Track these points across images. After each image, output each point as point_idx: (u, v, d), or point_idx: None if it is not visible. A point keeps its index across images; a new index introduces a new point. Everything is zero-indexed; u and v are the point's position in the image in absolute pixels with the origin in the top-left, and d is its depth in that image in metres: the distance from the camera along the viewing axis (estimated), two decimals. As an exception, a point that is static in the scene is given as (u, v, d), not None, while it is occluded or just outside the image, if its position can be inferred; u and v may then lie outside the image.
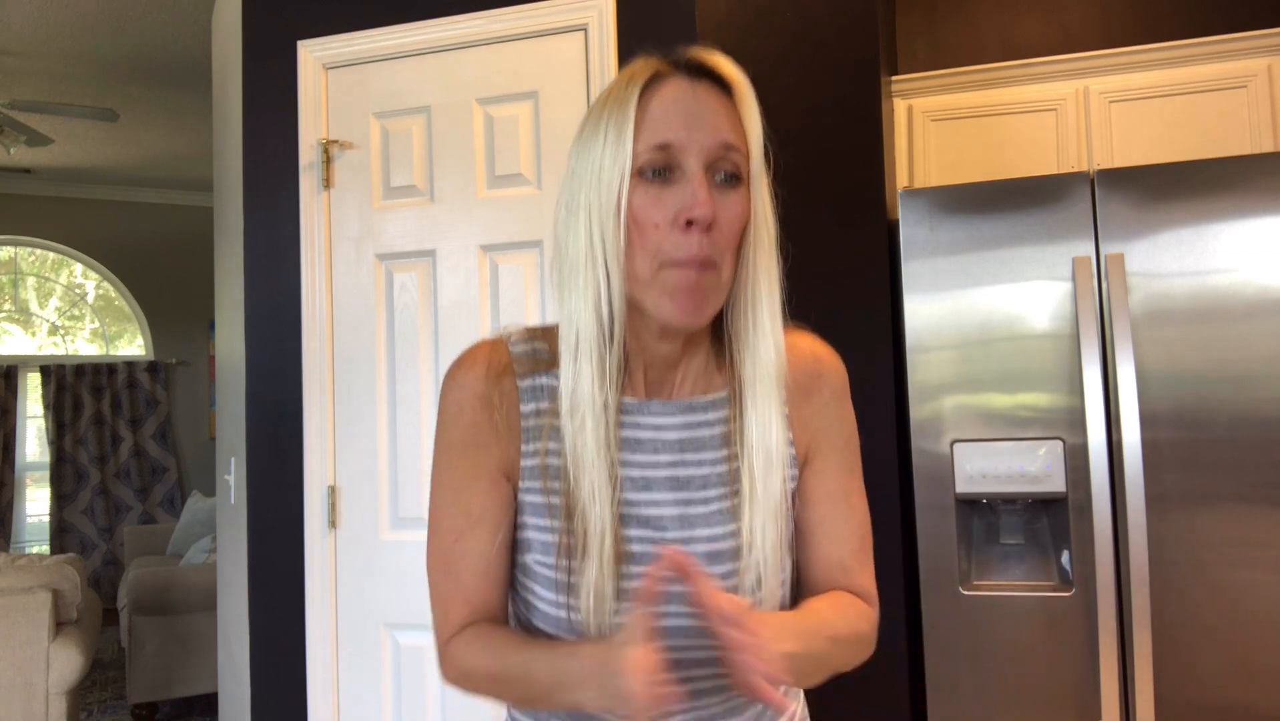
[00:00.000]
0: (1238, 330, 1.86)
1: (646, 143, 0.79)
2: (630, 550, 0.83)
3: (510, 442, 0.86)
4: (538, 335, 0.91)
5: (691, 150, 0.79)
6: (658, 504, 0.85)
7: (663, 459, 0.86)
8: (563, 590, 0.82)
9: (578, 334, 0.81)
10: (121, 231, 6.61)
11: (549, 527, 0.84)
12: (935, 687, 2.00)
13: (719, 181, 0.81)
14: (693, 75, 0.83)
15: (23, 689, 3.08)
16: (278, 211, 2.33)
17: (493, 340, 0.91)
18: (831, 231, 2.20)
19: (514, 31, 2.16)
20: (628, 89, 0.81)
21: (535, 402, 0.87)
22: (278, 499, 2.30)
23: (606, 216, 0.79)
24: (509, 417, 0.86)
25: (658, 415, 0.87)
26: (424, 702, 2.15)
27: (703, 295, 0.79)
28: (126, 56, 4.27)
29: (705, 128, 0.80)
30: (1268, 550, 1.82)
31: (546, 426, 0.85)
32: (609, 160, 0.80)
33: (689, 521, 0.84)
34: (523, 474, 0.86)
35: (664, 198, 0.79)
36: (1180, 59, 2.52)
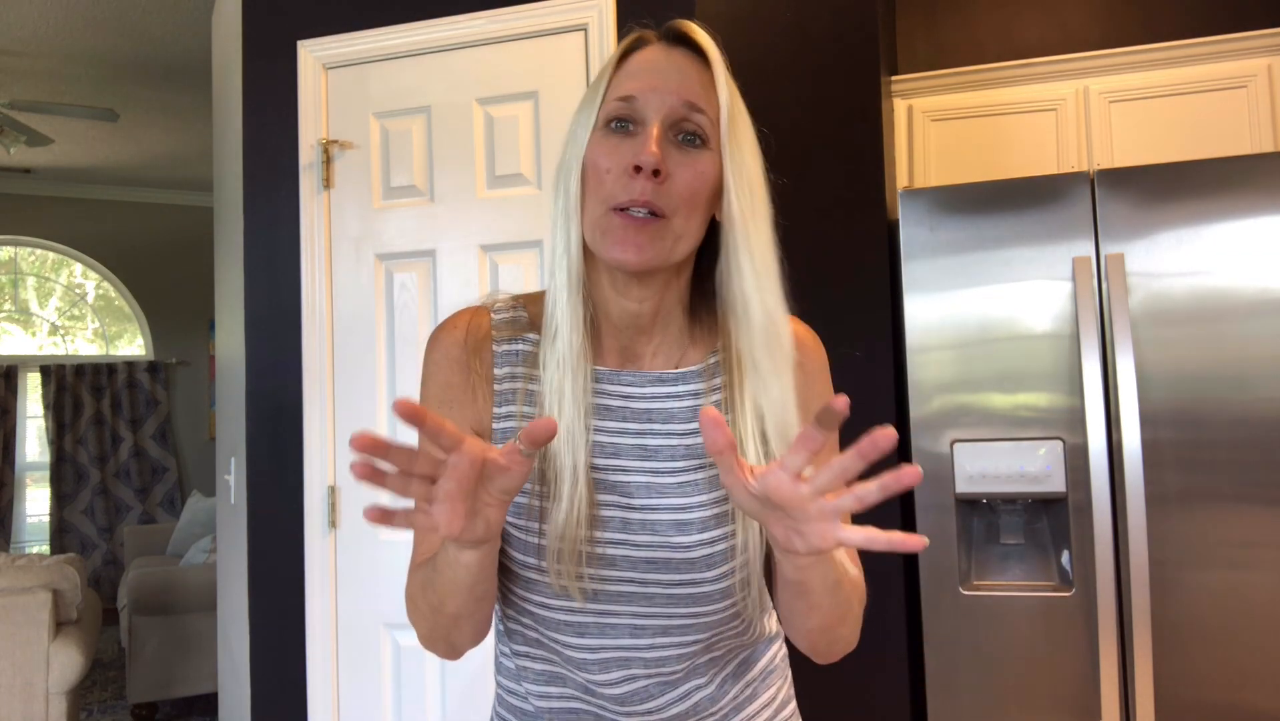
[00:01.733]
0: (1238, 330, 1.86)
1: (613, 95, 0.85)
2: (598, 515, 0.85)
3: (484, 405, 0.89)
4: (521, 302, 0.94)
5: (653, 104, 0.83)
6: (626, 470, 0.87)
7: (630, 427, 0.88)
8: (533, 552, 0.85)
9: (556, 282, 0.86)
10: (121, 231, 6.61)
11: (522, 490, 0.85)
12: (935, 687, 2.00)
13: (680, 140, 0.84)
14: (669, 41, 0.88)
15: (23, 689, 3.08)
16: (278, 211, 2.33)
17: (476, 306, 0.94)
18: (831, 231, 2.20)
19: (514, 31, 2.16)
20: (613, 55, 0.88)
21: (510, 366, 0.89)
22: (278, 499, 2.30)
23: (574, 167, 0.85)
24: (485, 381, 0.89)
25: (628, 385, 0.89)
26: (424, 702, 2.15)
27: (643, 238, 0.81)
28: (126, 56, 4.27)
29: (670, 86, 0.84)
30: (1268, 550, 1.82)
31: (521, 391, 0.88)
32: (584, 117, 0.86)
33: (656, 490, 0.86)
34: (495, 436, 0.89)
35: (621, 147, 0.83)
36: (1180, 59, 2.52)
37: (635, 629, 0.86)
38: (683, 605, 0.85)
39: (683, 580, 0.85)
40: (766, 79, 2.24)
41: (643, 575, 0.85)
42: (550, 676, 0.91)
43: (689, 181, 0.83)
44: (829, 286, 2.18)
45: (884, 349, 2.15)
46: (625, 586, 0.85)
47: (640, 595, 0.85)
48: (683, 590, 0.85)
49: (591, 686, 0.88)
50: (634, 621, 0.86)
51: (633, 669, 0.87)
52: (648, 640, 0.86)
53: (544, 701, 0.91)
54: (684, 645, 0.87)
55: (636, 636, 0.86)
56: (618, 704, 0.88)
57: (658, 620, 0.86)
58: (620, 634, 0.86)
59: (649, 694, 0.88)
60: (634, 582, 0.85)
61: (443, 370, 0.90)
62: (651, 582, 0.85)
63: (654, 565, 0.84)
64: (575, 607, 0.86)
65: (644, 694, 0.88)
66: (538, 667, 0.91)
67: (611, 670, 0.87)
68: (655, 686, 0.88)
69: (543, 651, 0.90)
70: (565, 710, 0.91)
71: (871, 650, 2.10)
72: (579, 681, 0.89)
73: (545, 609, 0.87)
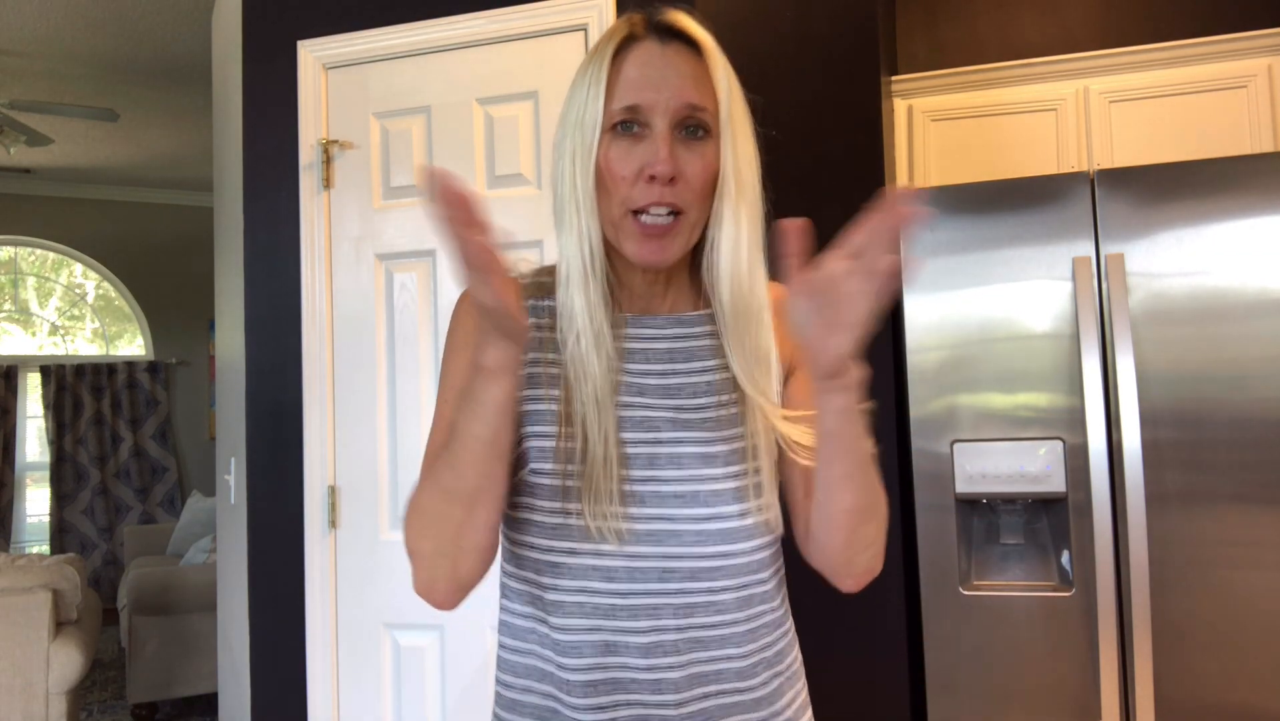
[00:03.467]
0: (1237, 330, 1.86)
1: (618, 103, 0.87)
2: (626, 453, 0.89)
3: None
4: (545, 271, 0.99)
5: (658, 110, 0.87)
6: (651, 407, 0.91)
7: (654, 367, 0.93)
8: (560, 495, 0.87)
9: (568, 266, 0.90)
10: (121, 231, 6.61)
11: (549, 434, 0.89)
12: (935, 687, 2.00)
13: (685, 135, 0.88)
14: (664, 37, 0.90)
15: (23, 689, 3.08)
16: (278, 211, 2.33)
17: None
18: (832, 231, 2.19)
19: (514, 31, 2.16)
20: (605, 48, 0.89)
21: (536, 318, 0.94)
22: (278, 499, 2.30)
23: (585, 165, 0.88)
24: None
25: (648, 327, 0.94)
26: (424, 702, 2.15)
27: (666, 240, 0.88)
28: (126, 56, 4.27)
29: (671, 89, 0.87)
30: (1268, 550, 1.82)
31: (547, 339, 0.92)
32: (588, 115, 0.88)
33: (682, 425, 0.90)
34: (524, 382, 0.92)
35: (632, 152, 0.87)
36: (1180, 59, 2.52)
37: (664, 571, 0.87)
38: (710, 542, 0.87)
39: (710, 514, 0.88)
40: (766, 79, 2.24)
41: (671, 510, 0.87)
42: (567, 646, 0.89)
43: (699, 173, 0.88)
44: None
45: (884, 349, 2.15)
46: (654, 525, 0.87)
47: (669, 533, 0.87)
48: (711, 525, 0.87)
49: (616, 640, 0.87)
50: (663, 564, 0.87)
51: (662, 617, 0.87)
52: (676, 584, 0.87)
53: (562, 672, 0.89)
54: (714, 591, 0.88)
55: (665, 580, 0.87)
56: (642, 655, 0.87)
57: (686, 561, 0.87)
58: (649, 577, 0.87)
59: (676, 648, 0.87)
60: (663, 520, 0.87)
61: (471, 317, 0.93)
62: (680, 519, 0.87)
63: (681, 499, 0.87)
64: (604, 551, 0.86)
65: (670, 647, 0.87)
66: (555, 636, 0.89)
67: (640, 617, 0.87)
68: (684, 642, 0.87)
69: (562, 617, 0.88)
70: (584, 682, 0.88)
71: (871, 650, 2.10)
72: (600, 641, 0.87)
73: (572, 555, 0.87)
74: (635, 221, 0.87)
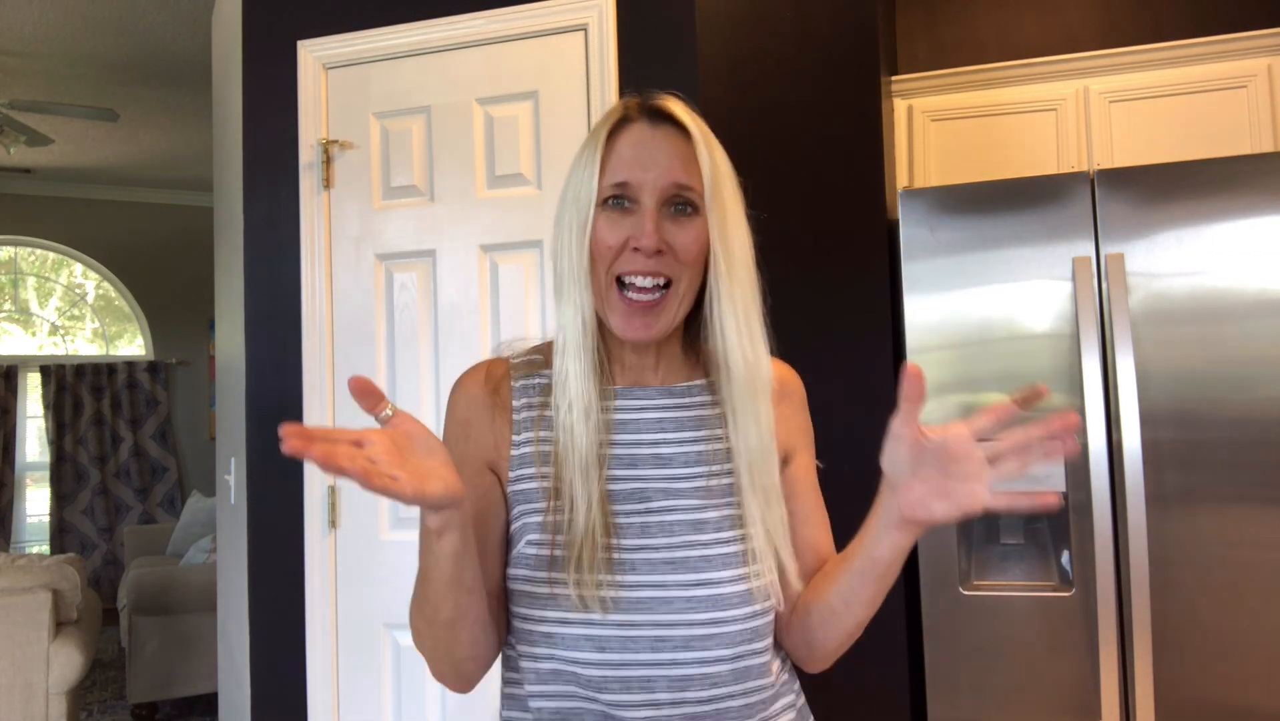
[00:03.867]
0: (1237, 330, 1.86)
1: (609, 179, 0.92)
2: (617, 523, 0.90)
3: (503, 436, 0.96)
4: (537, 350, 1.02)
5: (646, 188, 0.91)
6: (643, 479, 0.93)
7: (645, 437, 0.95)
8: (545, 565, 0.89)
9: (565, 336, 0.93)
10: (121, 231, 6.61)
11: (540, 510, 0.91)
12: (935, 687, 2.00)
13: (674, 212, 0.92)
14: (654, 120, 0.94)
15: (23, 689, 3.08)
16: (278, 211, 2.33)
17: (495, 356, 1.03)
18: (831, 231, 2.20)
19: (514, 31, 2.16)
20: (601, 130, 0.94)
21: (527, 398, 0.97)
22: (278, 499, 2.30)
23: (578, 239, 0.92)
24: (504, 411, 0.97)
25: (639, 399, 0.96)
26: (424, 703, 2.15)
27: (652, 316, 0.91)
28: (126, 56, 4.27)
29: (659, 169, 0.91)
30: (1268, 550, 1.82)
31: (538, 417, 0.95)
32: (582, 191, 0.93)
33: (674, 494, 0.92)
34: (514, 463, 0.95)
35: (620, 224, 0.91)
36: (1180, 59, 2.52)
37: (657, 641, 0.87)
38: (702, 609, 0.88)
39: (701, 580, 0.88)
40: (767, 79, 2.24)
41: (662, 576, 0.88)
42: (567, 712, 0.90)
43: (688, 245, 0.91)
44: (829, 286, 2.18)
45: (884, 349, 2.15)
46: (645, 591, 0.88)
47: (660, 600, 0.87)
48: (702, 591, 0.88)
49: (613, 714, 0.87)
50: (655, 632, 0.87)
51: (655, 691, 0.87)
52: (669, 654, 0.87)
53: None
54: (706, 662, 0.87)
55: (658, 650, 0.87)
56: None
57: (679, 630, 0.87)
58: (641, 647, 0.87)
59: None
60: (654, 586, 0.88)
61: (461, 409, 0.98)
62: (671, 585, 0.88)
63: (673, 565, 0.89)
64: (595, 620, 0.87)
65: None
66: (552, 705, 0.91)
67: (633, 690, 0.87)
68: (680, 718, 0.87)
69: (558, 685, 0.90)
70: None
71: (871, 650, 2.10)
72: (598, 712, 0.88)
73: (564, 625, 0.88)
74: (620, 295, 0.91)
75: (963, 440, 0.78)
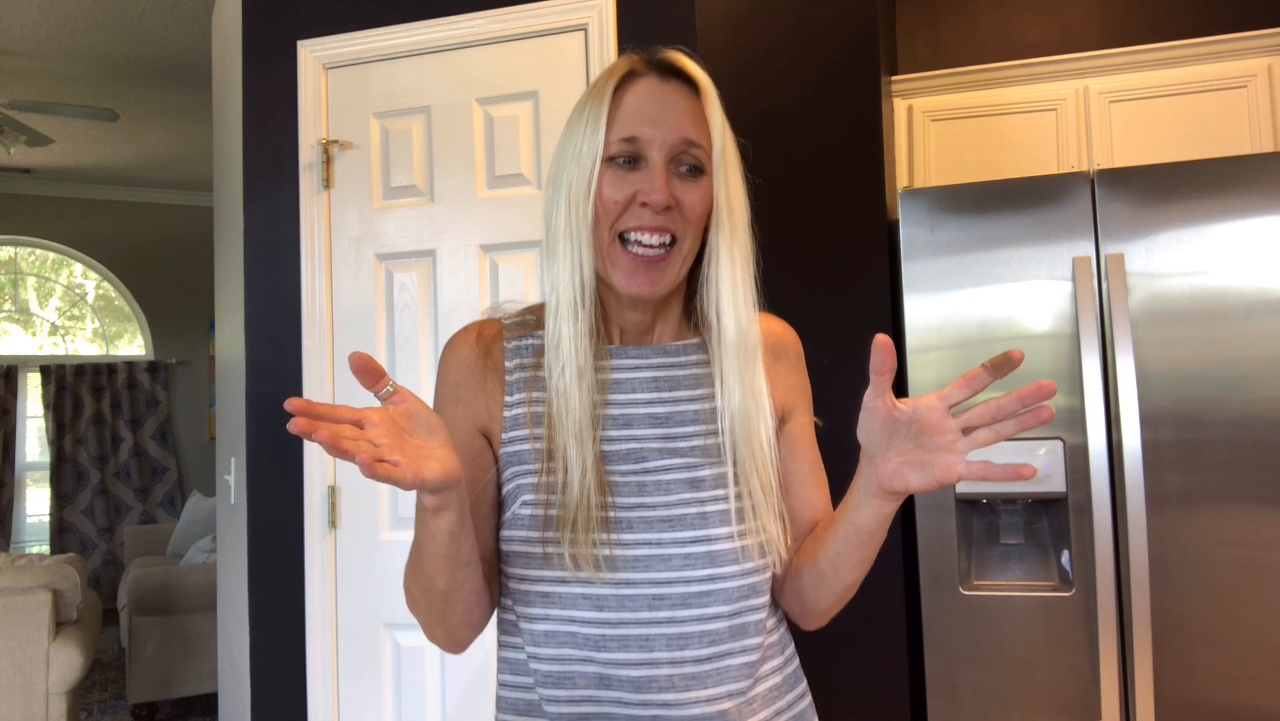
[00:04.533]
0: (1238, 330, 1.86)
1: (617, 134, 0.90)
2: (613, 482, 0.90)
3: (494, 397, 0.95)
4: (530, 310, 1.02)
5: (655, 144, 0.89)
6: (639, 438, 0.92)
7: (640, 396, 0.94)
8: (539, 525, 0.89)
9: (558, 297, 0.92)
10: (121, 231, 6.61)
11: (534, 471, 0.91)
12: (935, 687, 2.00)
13: (682, 172, 0.91)
14: (663, 75, 0.92)
15: (23, 689, 3.08)
16: (278, 211, 2.33)
17: (488, 316, 1.02)
18: (831, 231, 2.20)
19: (514, 31, 2.16)
20: (606, 84, 0.92)
21: (520, 359, 0.96)
22: (278, 499, 2.30)
23: (581, 196, 0.90)
24: (496, 373, 0.96)
25: (634, 359, 0.96)
26: (424, 703, 2.15)
27: (657, 271, 0.90)
28: (126, 56, 4.27)
29: (669, 125, 0.89)
30: (1268, 550, 1.82)
31: (531, 378, 0.94)
32: (586, 147, 0.90)
33: (670, 452, 0.92)
34: (506, 424, 0.94)
35: (626, 180, 0.89)
36: (1180, 59, 2.52)
37: (654, 599, 0.87)
38: (699, 566, 0.88)
39: (698, 536, 0.88)
40: (767, 79, 2.24)
41: (659, 534, 0.88)
42: (560, 676, 0.89)
43: (695, 204, 0.90)
44: (829, 286, 2.18)
45: (884, 349, 2.15)
46: (643, 550, 0.88)
47: (658, 558, 0.88)
48: (699, 547, 0.88)
49: (609, 674, 0.87)
50: (653, 591, 0.87)
51: (654, 649, 0.87)
52: (667, 612, 0.87)
53: (554, 706, 0.90)
54: (704, 619, 0.88)
55: (656, 608, 0.87)
56: (635, 689, 0.87)
57: (676, 587, 0.87)
58: (639, 606, 0.87)
59: (671, 683, 0.87)
60: (651, 544, 0.88)
61: (452, 370, 0.96)
62: (668, 542, 0.88)
63: (669, 523, 0.89)
64: (593, 579, 0.87)
65: (665, 682, 0.87)
66: (547, 667, 0.90)
67: (631, 649, 0.87)
68: (680, 678, 0.87)
69: (554, 647, 0.89)
70: (578, 715, 0.89)
71: (871, 650, 2.10)
72: (594, 674, 0.88)
73: (562, 584, 0.88)
74: (624, 251, 0.89)
75: (935, 411, 0.77)
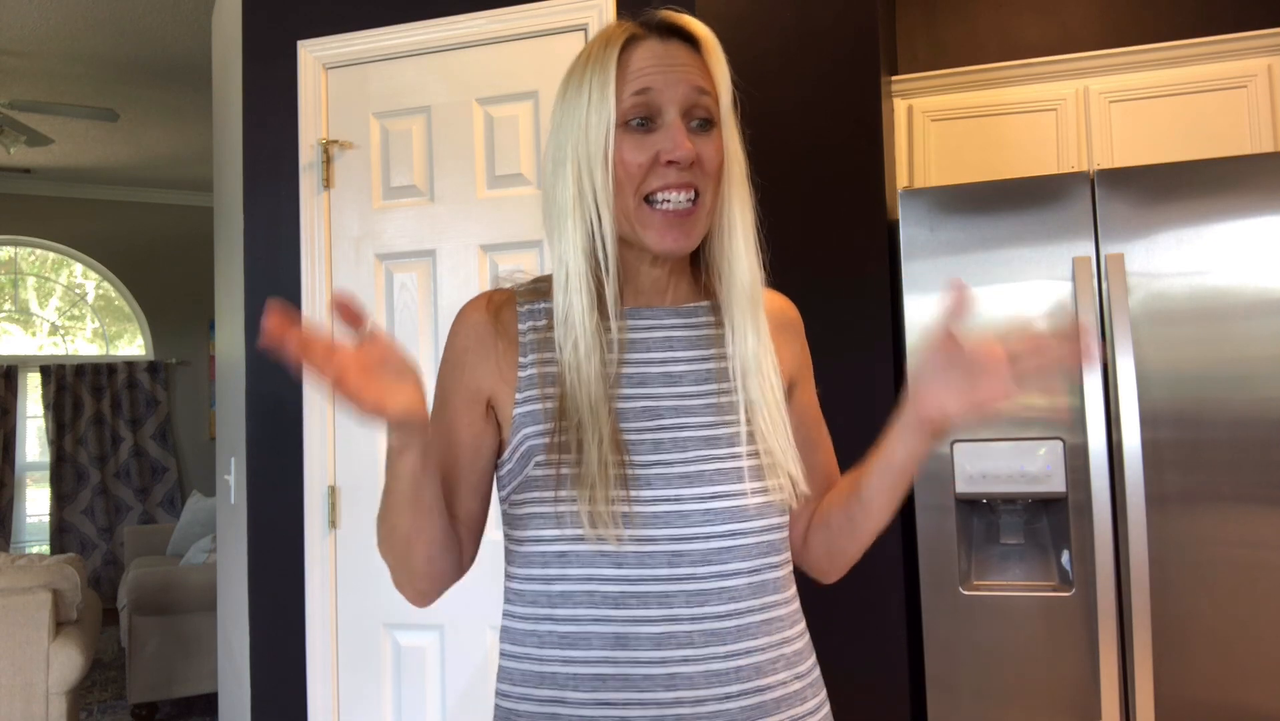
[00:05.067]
0: (1238, 330, 1.86)
1: (628, 92, 0.89)
2: (629, 440, 0.90)
3: (506, 359, 0.95)
4: (541, 279, 1.02)
5: (668, 96, 0.89)
6: (654, 397, 0.93)
7: (655, 356, 0.95)
8: (552, 485, 0.89)
9: (567, 270, 0.91)
10: (121, 231, 6.61)
11: (547, 431, 0.91)
12: (935, 687, 2.00)
13: (694, 127, 0.91)
14: (664, 35, 0.92)
15: (23, 689, 3.08)
16: (278, 211, 2.33)
17: (498, 285, 1.03)
18: (831, 231, 2.20)
19: (514, 31, 2.16)
20: (606, 50, 0.91)
21: (533, 321, 0.96)
22: (278, 499, 2.30)
23: (595, 165, 0.89)
24: (507, 338, 0.96)
25: (648, 319, 0.96)
26: (424, 703, 2.15)
27: (688, 225, 0.90)
28: (126, 56, 4.27)
29: (678, 77, 0.90)
30: (1268, 550, 1.82)
31: (543, 339, 0.95)
32: (594, 116, 0.89)
33: (685, 411, 0.92)
34: (520, 384, 0.94)
35: (645, 142, 0.89)
36: (1180, 59, 2.52)
37: (674, 556, 0.87)
38: (719, 521, 0.88)
39: (717, 492, 0.89)
40: (766, 79, 2.24)
41: (678, 490, 0.89)
42: (576, 637, 0.88)
43: (711, 158, 0.91)
44: (829, 286, 2.18)
45: (884, 349, 2.15)
46: (662, 506, 0.88)
47: (676, 514, 0.88)
48: (718, 503, 0.89)
49: (627, 631, 0.86)
50: (672, 547, 0.87)
51: (674, 606, 0.86)
52: (686, 569, 0.87)
53: (568, 667, 0.88)
54: (724, 576, 0.88)
55: (675, 565, 0.87)
56: (654, 646, 0.86)
57: (696, 544, 0.88)
58: (658, 562, 0.87)
59: (690, 640, 0.86)
60: (670, 501, 0.88)
61: (460, 337, 0.97)
62: (687, 499, 0.88)
63: (688, 479, 0.89)
64: (608, 537, 0.87)
65: (684, 638, 0.86)
66: (560, 629, 0.89)
67: (651, 606, 0.86)
68: (699, 635, 0.86)
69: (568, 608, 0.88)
70: (593, 675, 0.87)
71: (871, 650, 2.10)
72: (609, 635, 0.87)
73: (580, 541, 0.88)
74: (654, 210, 0.89)
75: (993, 355, 0.82)
